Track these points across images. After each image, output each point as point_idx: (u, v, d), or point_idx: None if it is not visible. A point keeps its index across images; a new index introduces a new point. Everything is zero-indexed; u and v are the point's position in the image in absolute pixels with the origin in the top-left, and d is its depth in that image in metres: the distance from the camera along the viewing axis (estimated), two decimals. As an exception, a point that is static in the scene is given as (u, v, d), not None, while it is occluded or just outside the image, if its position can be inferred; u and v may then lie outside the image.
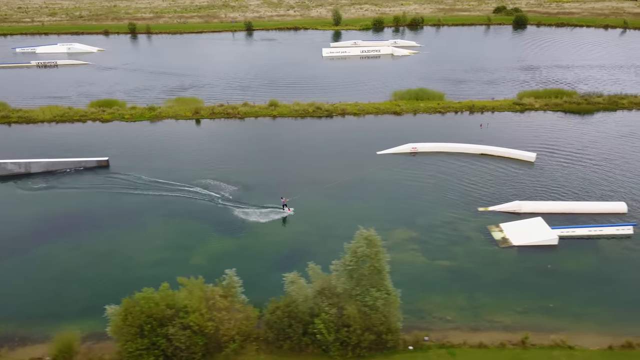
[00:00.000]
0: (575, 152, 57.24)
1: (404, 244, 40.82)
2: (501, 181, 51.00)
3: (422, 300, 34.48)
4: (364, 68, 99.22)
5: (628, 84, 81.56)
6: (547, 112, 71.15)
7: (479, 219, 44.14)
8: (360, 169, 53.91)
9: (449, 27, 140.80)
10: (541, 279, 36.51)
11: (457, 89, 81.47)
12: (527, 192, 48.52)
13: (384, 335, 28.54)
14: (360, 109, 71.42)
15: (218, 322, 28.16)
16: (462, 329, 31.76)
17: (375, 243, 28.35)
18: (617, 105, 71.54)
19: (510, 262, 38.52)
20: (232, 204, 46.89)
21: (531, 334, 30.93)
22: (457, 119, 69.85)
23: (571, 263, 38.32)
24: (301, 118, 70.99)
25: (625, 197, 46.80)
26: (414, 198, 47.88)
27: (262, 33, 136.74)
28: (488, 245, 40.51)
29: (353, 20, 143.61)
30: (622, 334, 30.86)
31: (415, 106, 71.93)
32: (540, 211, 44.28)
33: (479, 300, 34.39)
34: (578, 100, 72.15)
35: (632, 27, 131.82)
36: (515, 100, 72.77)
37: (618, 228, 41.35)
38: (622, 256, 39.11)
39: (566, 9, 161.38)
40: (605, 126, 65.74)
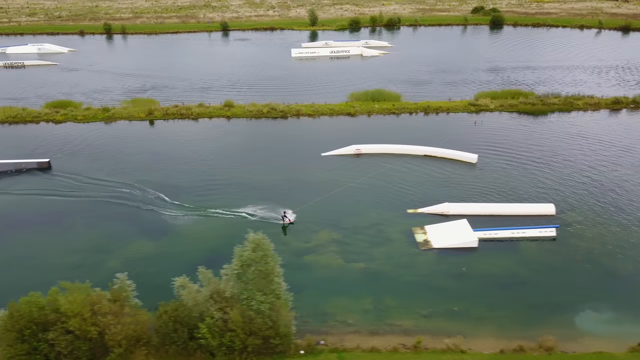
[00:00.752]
0: (520, 153, 57.05)
1: (325, 245, 40.62)
2: (439, 183, 50.82)
3: (329, 303, 34.26)
4: (331, 69, 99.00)
5: (588, 85, 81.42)
6: (502, 113, 70.99)
7: (407, 221, 43.93)
8: (302, 170, 53.76)
9: (425, 27, 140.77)
10: (453, 282, 36.30)
11: (418, 90, 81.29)
12: (463, 193, 48.30)
13: (272, 340, 28.30)
14: (314, 110, 71.19)
15: (104, 327, 27.91)
16: (361, 333, 31.55)
17: (263, 247, 28.11)
18: (572, 106, 71.37)
19: (427, 265, 38.30)
20: (163, 207, 46.66)
21: (428, 338, 30.77)
22: (411, 119, 69.69)
23: (487, 265, 38.11)
24: (255, 119, 70.76)
25: (558, 199, 46.66)
26: (347, 199, 47.65)
27: (238, 33, 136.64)
28: (408, 247, 40.30)
29: (329, 21, 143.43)
30: (520, 337, 30.68)
31: (370, 107, 71.70)
32: (468, 213, 44.08)
33: (386, 304, 34.16)
34: (534, 101, 71.98)
35: (606, 27, 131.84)
36: (471, 101, 72.58)
37: (541, 230, 41.16)
38: (541, 258, 38.92)
39: (545, 9, 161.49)
40: (555, 127, 65.59)
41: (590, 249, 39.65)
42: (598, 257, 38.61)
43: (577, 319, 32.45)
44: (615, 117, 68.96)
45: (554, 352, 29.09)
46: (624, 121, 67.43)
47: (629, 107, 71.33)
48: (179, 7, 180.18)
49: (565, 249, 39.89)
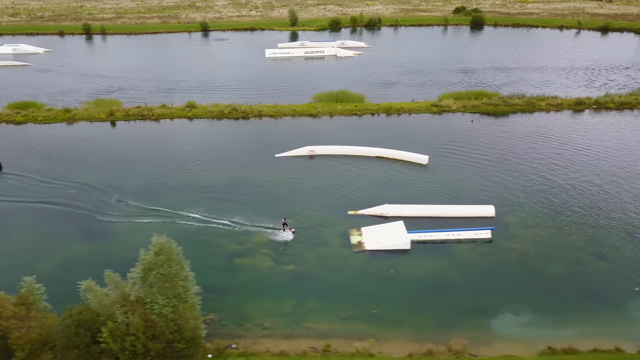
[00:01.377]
0: (474, 154, 56.88)
1: (258, 248, 40.42)
2: (387, 184, 50.65)
3: (250, 305, 34.10)
4: (303, 69, 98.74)
5: (556, 86, 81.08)
6: (465, 114, 70.84)
7: (347, 223, 43.78)
8: (252, 172, 53.57)
9: (406, 27, 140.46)
10: (380, 285, 36.14)
11: (385, 91, 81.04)
12: (408, 194, 48.08)
13: (176, 344, 28.12)
14: (276, 111, 71.01)
15: (6, 331, 27.71)
16: (275, 336, 31.39)
17: (166, 251, 27.92)
18: (535, 107, 71.21)
19: (356, 267, 38.14)
20: (106, 208, 46.46)
21: (342, 341, 30.64)
22: (372, 120, 69.53)
23: (417, 268, 37.98)
24: (217, 119, 70.58)
25: (503, 200, 46.52)
26: (291, 201, 47.46)
27: (217, 34, 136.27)
28: (342, 249, 40.14)
29: (310, 21, 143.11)
30: (434, 340, 30.53)
31: (332, 108, 71.51)
32: (407, 215, 43.94)
33: (307, 306, 34.01)
34: (496, 102, 71.81)
35: (585, 27, 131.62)
36: (434, 102, 72.42)
37: (476, 232, 41.03)
38: (472, 261, 38.81)
39: (528, 9, 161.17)
40: (514, 128, 65.47)
41: (524, 250, 39.54)
42: (529, 259, 38.50)
43: (494, 322, 32.32)
44: (575, 117, 68.79)
45: (462, 355, 28.95)
46: (583, 122, 67.24)
47: (592, 108, 71.16)
48: (162, 7, 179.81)
49: (499, 251, 39.79)
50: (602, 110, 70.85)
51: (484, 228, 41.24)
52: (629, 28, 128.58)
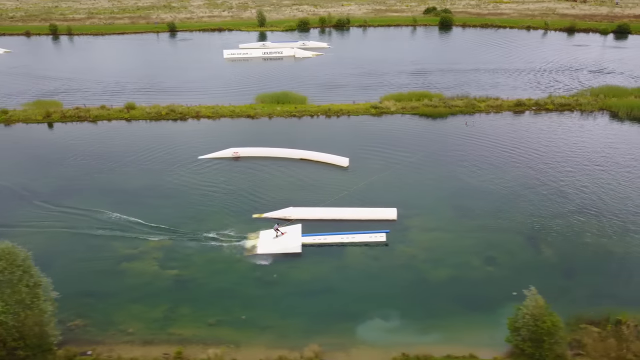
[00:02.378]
0: (397, 156, 56.43)
1: (150, 252, 39.98)
2: (302, 186, 50.29)
3: (122, 311, 33.65)
4: (259, 70, 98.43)
5: (502, 88, 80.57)
6: (404, 116, 70.51)
7: (249, 226, 43.38)
8: (171, 174, 53.18)
9: (374, 28, 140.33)
10: (259, 290, 35.75)
11: (332, 93, 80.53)
12: (322, 197, 47.53)
13: (19, 351, 27.71)
14: (214, 112, 70.61)
15: None
16: (134, 343, 30.97)
17: (7, 257, 27.51)
18: (475, 108, 70.92)
19: (242, 272, 37.72)
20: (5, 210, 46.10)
21: (199, 347, 30.26)
22: (311, 122, 69.21)
23: (302, 272, 37.62)
24: (155, 121, 70.20)
25: (412, 202, 46.16)
26: (201, 204, 47.06)
27: (185, 34, 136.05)
28: (233, 253, 39.73)
29: (278, 22, 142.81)
30: (293, 346, 30.15)
31: (272, 109, 71.16)
32: (310, 217, 43.61)
33: (179, 312, 33.62)
34: (436, 103, 71.50)
35: (552, 28, 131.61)
36: (373, 104, 72.09)
37: (371, 235, 40.69)
38: (361, 264, 38.43)
39: (500, 9, 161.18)
40: (447, 129, 65.20)
41: (415, 254, 39.19)
42: (417, 263, 38.15)
43: (360, 328, 31.95)
44: (512, 119, 68.43)
45: (312, 362, 28.60)
46: (518, 123, 66.77)
47: (531, 109, 70.88)
48: (137, 7, 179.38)
49: (390, 254, 39.42)
50: (542, 111, 70.58)
51: (379, 231, 40.89)
52: (595, 29, 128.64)
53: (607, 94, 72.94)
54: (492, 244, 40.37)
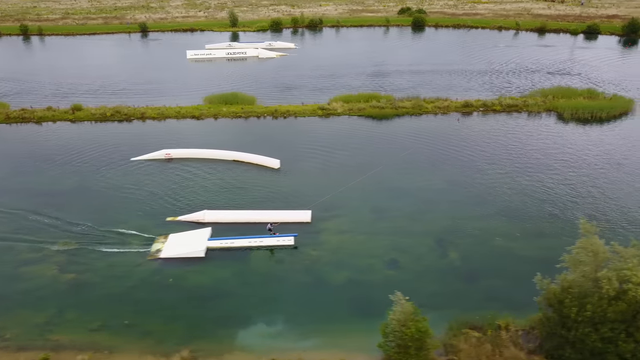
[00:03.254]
0: (331, 158, 56.07)
1: (54, 255, 39.44)
2: (229, 188, 49.83)
3: (5, 316, 33.09)
4: (219, 71, 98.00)
5: (456, 90, 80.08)
6: (351, 117, 70.10)
7: (161, 229, 42.87)
8: (101, 176, 52.71)
9: (347, 28, 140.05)
10: (152, 294, 35.25)
11: (286, 94, 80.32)
12: (244, 199, 47.28)
13: None
14: (160, 113, 70.19)
15: None
16: (8, 349, 30.37)
17: None
18: (421, 110, 70.54)
19: (140, 276, 37.20)
20: None
21: (71, 353, 29.82)
22: (256, 123, 68.82)
23: (201, 276, 37.14)
24: (100, 122, 69.76)
25: (335, 204, 45.64)
26: (120, 206, 46.58)
27: (156, 34, 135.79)
28: (137, 257, 39.24)
29: (251, 22, 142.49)
30: (171, 352, 29.74)
31: (217, 110, 70.74)
32: (224, 220, 43.22)
33: (64, 317, 33.14)
34: (383, 104, 71.10)
35: (523, 28, 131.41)
36: (321, 105, 71.68)
37: (279, 239, 40.27)
38: (262, 269, 37.96)
39: (476, 10, 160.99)
40: (388, 131, 64.78)
41: (320, 257, 38.79)
42: (320, 266, 37.70)
43: (242, 333, 31.51)
44: (455, 120, 68.06)
45: (180, 368, 28.20)
46: (462, 124, 66.56)
47: (479, 110, 70.53)
48: (114, 8, 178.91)
49: (295, 257, 38.99)
50: (490, 112, 70.23)
51: (287, 235, 40.48)
52: (565, 29, 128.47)
53: (556, 95, 72.67)
54: (400, 247, 39.95)
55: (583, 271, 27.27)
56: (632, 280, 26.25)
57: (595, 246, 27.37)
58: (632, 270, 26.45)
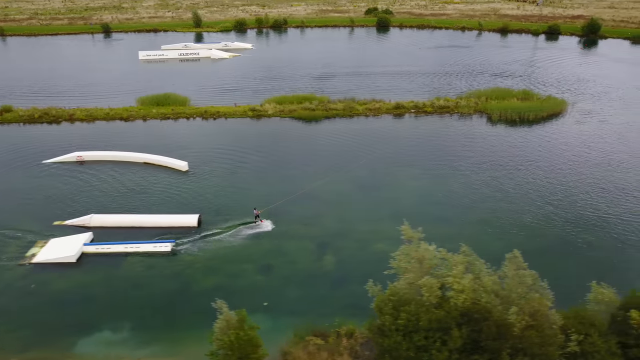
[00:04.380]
0: (245, 161, 55.53)
1: None
2: (128, 191, 49.28)
3: None
4: (167, 71, 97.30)
5: (396, 92, 79.16)
6: (284, 119, 69.53)
7: (46, 234, 42.29)
8: (5, 179, 52.14)
9: (311, 28, 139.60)
10: (10, 301, 34.72)
11: (225, 95, 79.73)
12: (140, 202, 46.79)
13: None
14: (89, 115, 69.65)
15: None
16: None
17: None
18: (353, 112, 70.01)
19: (8, 281, 36.62)
20: None
21: None
22: (181, 124, 68.30)
23: (66, 282, 36.53)
24: (28, 124, 69.15)
25: (232, 208, 45.21)
26: (13, 210, 45.89)
27: (120, 35, 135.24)
28: (8, 262, 38.69)
29: (215, 22, 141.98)
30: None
31: (147, 112, 70.19)
32: (109, 225, 42.67)
33: None
34: (314, 106, 70.56)
35: (486, 29, 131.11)
36: (252, 107, 71.14)
37: (156, 245, 39.69)
38: (133, 275, 37.35)
39: (446, 9, 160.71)
40: (312, 133, 64.31)
41: (194, 263, 38.22)
42: (192, 272, 37.12)
43: (83, 340, 30.95)
44: (383, 122, 67.53)
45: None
46: (387, 126, 65.97)
47: (410, 112, 70.07)
48: (85, 8, 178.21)
49: (168, 263, 38.35)
50: (422, 114, 69.76)
51: (165, 241, 39.96)
52: (527, 30, 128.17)
53: (491, 97, 72.24)
54: (280, 252, 39.46)
55: (407, 278, 26.86)
56: (453, 287, 25.94)
57: (421, 252, 26.99)
58: (455, 277, 26.12)
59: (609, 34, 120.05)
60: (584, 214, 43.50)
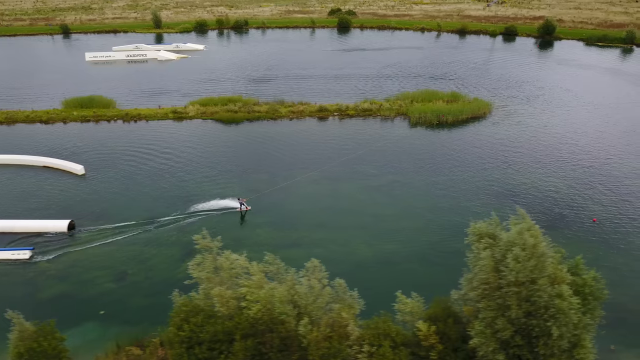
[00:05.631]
0: (141, 166, 54.82)
1: None
2: (10, 196, 48.61)
3: None
4: (109, 73, 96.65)
5: (325, 95, 78.09)
6: (205, 121, 68.88)
7: None
8: None
9: (272, 29, 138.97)
10: None
11: (156, 98, 78.99)
12: (22, 206, 46.13)
13: None
14: (8, 117, 69.00)
15: None
16: None
17: None
18: (276, 114, 69.38)
19: None
20: None
21: None
22: (95, 128, 67.66)
23: None
24: (-51, 127, 68.56)
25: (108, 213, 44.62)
26: None
27: (79, 36, 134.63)
28: None
29: (175, 23, 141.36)
30: None
31: (68, 114, 69.56)
32: (-22, 230, 42.05)
33: None
34: (237, 108, 69.94)
35: (445, 30, 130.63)
36: (174, 109, 70.51)
37: (14, 252, 38.98)
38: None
39: (412, 10, 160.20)
40: (224, 135, 63.71)
41: (45, 270, 37.50)
42: (41, 281, 36.45)
43: None
44: (302, 124, 66.88)
45: None
46: (307, 128, 65.48)
47: (333, 115, 69.46)
48: (53, 9, 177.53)
49: (24, 270, 37.77)
50: (346, 117, 69.11)
51: (22, 248, 39.30)
52: (485, 30, 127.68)
53: (417, 99, 71.68)
54: (141, 259, 38.84)
55: (205, 288, 26.26)
56: (247, 297, 25.38)
57: (220, 262, 26.39)
58: (250, 287, 25.56)
59: (564, 35, 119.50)
60: (461, 221, 42.92)
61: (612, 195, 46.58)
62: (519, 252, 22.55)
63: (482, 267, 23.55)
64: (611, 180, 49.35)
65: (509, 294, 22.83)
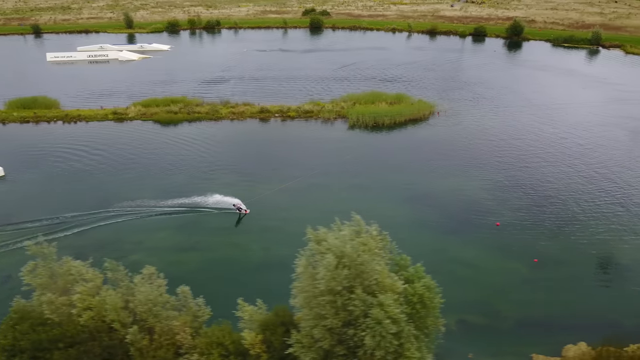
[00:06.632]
0: (66, 168, 54.48)
1: None
2: None
3: None
4: (67, 73, 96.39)
5: (279, 97, 77.91)
6: (145, 122, 68.48)
7: None
8: None
9: (244, 30, 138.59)
10: None
11: (103, 99, 78.60)
12: None
13: None
14: (-55, 118, 68.87)
15: None
16: None
17: None
18: (216, 115, 68.95)
19: None
20: None
21: None
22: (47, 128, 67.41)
23: None
24: None
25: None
26: None
27: (51, 36, 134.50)
28: None
29: (146, 23, 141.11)
30: None
31: (8, 115, 69.32)
32: None
33: None
34: (177, 109, 69.55)
35: (415, 31, 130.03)
36: (114, 110, 70.16)
37: None
38: None
39: (389, 10, 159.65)
40: (160, 136, 63.36)
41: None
42: None
43: None
44: (240, 126, 66.46)
45: None
46: (236, 130, 64.88)
47: (275, 116, 68.99)
48: (32, 9, 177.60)
49: None
50: (286, 118, 68.63)
51: None
52: (455, 31, 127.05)
53: (361, 101, 71.16)
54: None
55: (39, 295, 25.79)
56: (78, 304, 24.96)
57: (55, 269, 25.97)
58: (83, 294, 25.13)
59: (532, 36, 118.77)
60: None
61: (527, 199, 46.05)
62: (331, 260, 22.08)
63: (298, 274, 23.13)
64: (534, 184, 48.74)
65: (322, 303, 22.38)
